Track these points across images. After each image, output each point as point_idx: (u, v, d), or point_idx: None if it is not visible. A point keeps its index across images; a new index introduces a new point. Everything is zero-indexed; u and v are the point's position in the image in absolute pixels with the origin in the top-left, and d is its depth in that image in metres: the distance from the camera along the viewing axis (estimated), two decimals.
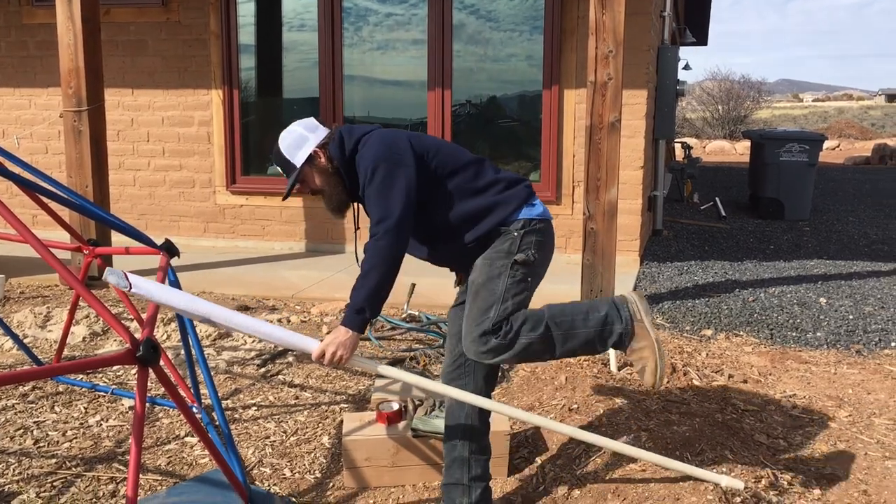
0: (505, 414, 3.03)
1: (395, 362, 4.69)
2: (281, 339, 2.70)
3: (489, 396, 3.01)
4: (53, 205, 5.31)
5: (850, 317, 5.62)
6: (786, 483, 3.24)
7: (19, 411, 3.96)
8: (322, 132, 2.90)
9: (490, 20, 7.38)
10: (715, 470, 3.21)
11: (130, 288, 2.40)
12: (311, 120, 2.95)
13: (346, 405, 4.11)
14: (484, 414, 3.00)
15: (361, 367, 2.72)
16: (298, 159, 2.86)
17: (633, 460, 3.35)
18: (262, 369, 4.61)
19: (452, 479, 3.01)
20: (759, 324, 5.46)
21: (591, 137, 5.38)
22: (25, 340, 4.92)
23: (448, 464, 3.03)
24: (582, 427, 3.68)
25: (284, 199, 3.02)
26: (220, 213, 7.98)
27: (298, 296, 6.11)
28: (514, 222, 2.83)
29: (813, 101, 62.77)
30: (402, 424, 3.41)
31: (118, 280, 2.38)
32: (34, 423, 3.83)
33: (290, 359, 4.77)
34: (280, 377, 4.49)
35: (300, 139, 2.88)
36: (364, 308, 2.68)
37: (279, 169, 2.94)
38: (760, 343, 5.12)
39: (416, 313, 5.46)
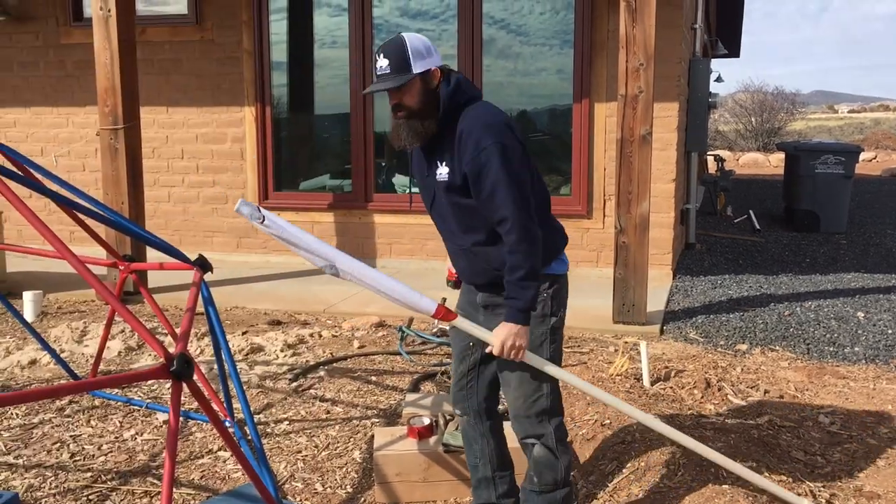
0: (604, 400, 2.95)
1: (426, 377, 4.68)
2: (406, 299, 2.63)
3: (494, 413, 2.98)
4: (90, 221, 5.39)
5: (889, 331, 5.51)
6: (824, 501, 3.17)
7: (56, 425, 4.02)
8: (438, 59, 2.64)
9: (520, 34, 7.39)
10: (751, 486, 3.16)
11: (263, 220, 2.46)
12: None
13: (377, 420, 4.11)
14: (498, 431, 2.98)
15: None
16: (418, 67, 2.56)
17: (667, 477, 3.31)
18: (294, 384, 4.62)
19: (481, 500, 3.00)
20: (796, 338, 5.38)
21: (622, 151, 5.35)
22: (62, 355, 4.99)
23: (475, 485, 3.03)
24: (614, 444, 3.64)
25: (365, 92, 2.75)
26: (252, 228, 8.04)
27: (330, 310, 6.13)
28: (543, 275, 2.65)
29: (848, 112, 61.89)
30: (433, 439, 3.40)
31: (251, 211, 2.45)
32: (70, 436, 3.89)
33: (322, 373, 4.79)
34: (311, 392, 4.51)
35: (426, 50, 2.59)
36: (528, 308, 2.55)
37: (380, 64, 2.59)
38: (797, 358, 5.04)
39: (447, 327, 5.45)
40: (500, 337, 2.57)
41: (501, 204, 2.50)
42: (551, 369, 2.70)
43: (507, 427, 3.03)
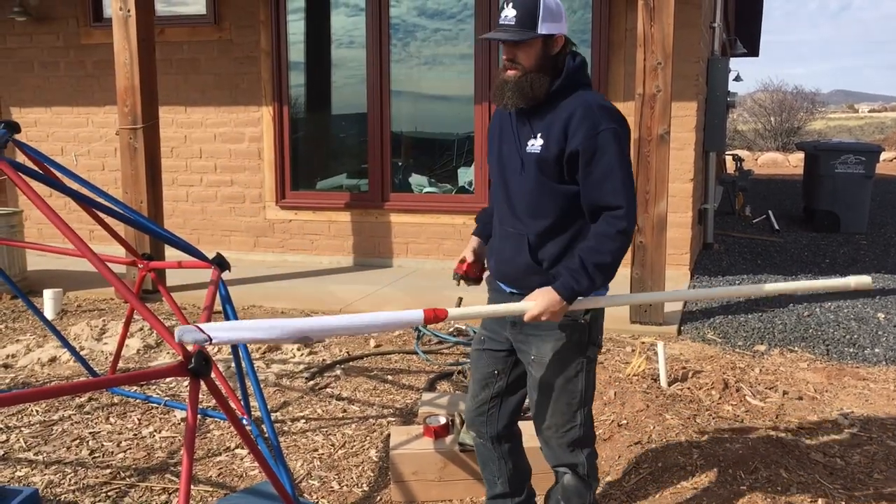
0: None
1: (443, 376, 4.69)
2: (392, 322, 2.47)
3: (513, 436, 2.84)
4: (109, 220, 5.43)
5: None
6: (844, 503, 3.15)
7: (76, 422, 4.05)
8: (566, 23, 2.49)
9: None
10: (770, 488, 3.14)
11: (211, 340, 2.17)
12: None
13: (393, 419, 4.12)
14: (517, 452, 2.86)
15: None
16: (544, 28, 2.39)
17: (684, 478, 3.30)
18: (311, 382, 4.64)
19: None
20: (815, 339, 5.33)
21: (639, 150, 5.33)
22: (82, 353, 5.03)
23: (490, 496, 2.90)
24: (631, 445, 3.63)
25: (483, 37, 2.59)
26: (269, 227, 8.09)
27: (346, 310, 6.15)
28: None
29: (869, 111, 61.32)
30: (449, 438, 3.40)
31: (194, 336, 2.16)
32: (90, 433, 3.92)
33: (338, 372, 4.80)
34: (328, 390, 4.52)
35: (559, 11, 2.42)
36: (583, 293, 2.39)
37: (506, 13, 2.41)
38: (816, 359, 5.00)
39: (464, 327, 5.46)
40: (541, 304, 2.35)
41: (617, 190, 2.37)
42: (604, 300, 2.53)
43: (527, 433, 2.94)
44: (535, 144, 2.45)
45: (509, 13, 2.40)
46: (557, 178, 2.45)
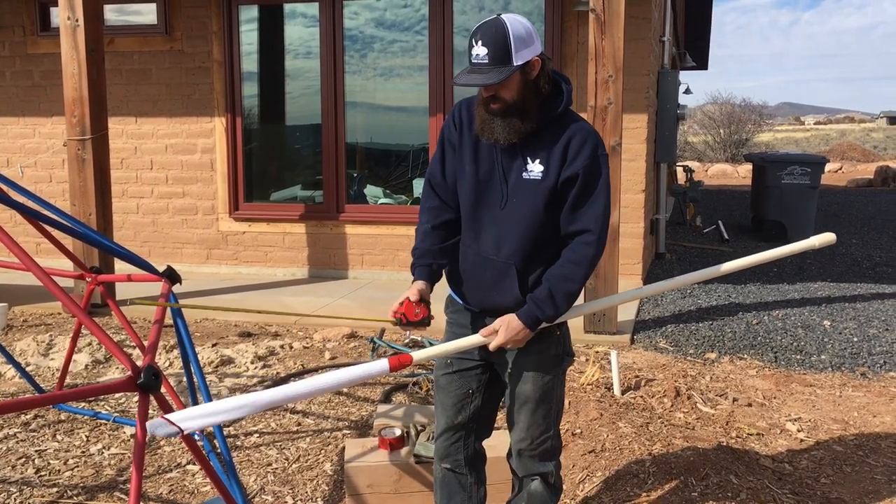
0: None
1: (398, 388, 4.67)
2: (358, 376, 2.38)
3: (483, 457, 2.81)
4: (56, 233, 5.33)
5: (855, 339, 5.59)
6: None
7: (21, 440, 3.95)
8: (539, 46, 2.38)
9: None
10: (720, 494, 3.19)
11: (182, 431, 2.13)
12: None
13: (348, 431, 4.09)
14: (483, 475, 2.81)
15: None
16: (520, 57, 2.29)
17: (638, 486, 3.33)
18: None
19: None
20: (764, 347, 5.44)
21: None
22: (28, 368, 4.91)
23: None
24: (585, 453, 3.65)
25: (456, 83, 2.41)
26: (222, 239, 8.00)
27: (301, 322, 6.10)
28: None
29: (815, 123, 62.95)
30: (404, 450, 3.38)
31: (166, 429, 2.11)
32: (36, 451, 3.82)
33: None
34: None
35: (529, 34, 2.32)
36: (548, 321, 2.42)
37: (477, 52, 2.31)
38: (765, 366, 5.10)
39: (420, 338, 5.45)
40: (504, 334, 2.37)
41: (597, 215, 2.38)
42: (569, 313, 2.51)
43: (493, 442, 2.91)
44: (535, 171, 2.39)
45: (480, 52, 2.30)
46: (548, 203, 2.40)
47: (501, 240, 2.45)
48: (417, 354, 2.41)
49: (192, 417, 2.16)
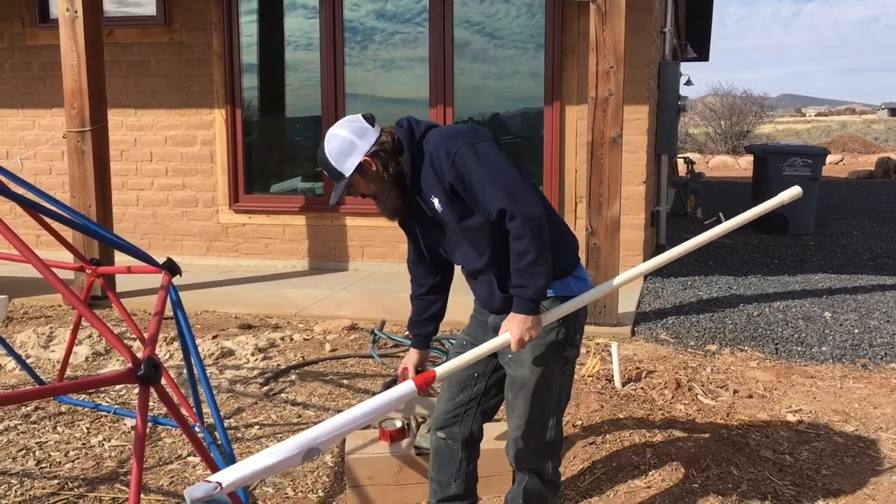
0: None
1: (397, 379, 4.67)
2: (386, 403, 2.43)
3: (479, 439, 2.88)
4: (56, 225, 5.32)
5: (856, 331, 5.59)
6: (793, 499, 3.21)
7: (21, 432, 3.95)
8: (372, 136, 2.56)
9: (493, 38, 7.40)
10: (721, 485, 3.19)
11: (220, 487, 2.09)
12: (359, 121, 2.59)
13: None
14: (476, 455, 2.88)
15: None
16: (347, 168, 2.55)
17: (638, 477, 3.33)
18: (265, 388, 4.59)
19: None
20: (764, 338, 5.44)
21: (592, 153, 5.38)
22: (28, 361, 4.91)
23: (440, 498, 2.89)
24: (586, 445, 3.66)
25: (332, 204, 2.70)
26: (222, 231, 7.99)
27: (301, 314, 6.10)
28: (549, 299, 2.57)
29: (816, 115, 62.82)
30: (405, 442, 3.39)
31: (206, 489, 2.06)
32: (36, 443, 3.82)
33: (293, 377, 4.76)
34: (283, 395, 4.48)
35: (348, 146, 2.55)
36: (538, 297, 2.47)
37: (327, 175, 2.65)
38: (765, 358, 5.10)
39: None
40: (515, 334, 2.46)
41: (493, 197, 2.42)
42: (567, 306, 2.57)
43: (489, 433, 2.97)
44: (436, 203, 2.56)
45: (326, 174, 2.62)
46: (464, 216, 2.53)
47: (469, 260, 2.64)
48: (440, 370, 2.52)
49: (229, 473, 2.14)
